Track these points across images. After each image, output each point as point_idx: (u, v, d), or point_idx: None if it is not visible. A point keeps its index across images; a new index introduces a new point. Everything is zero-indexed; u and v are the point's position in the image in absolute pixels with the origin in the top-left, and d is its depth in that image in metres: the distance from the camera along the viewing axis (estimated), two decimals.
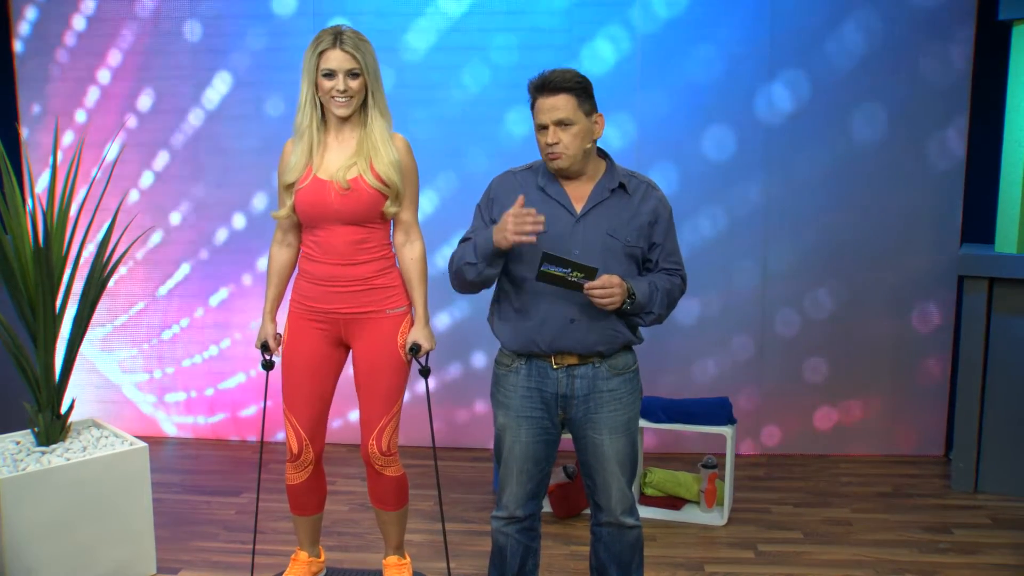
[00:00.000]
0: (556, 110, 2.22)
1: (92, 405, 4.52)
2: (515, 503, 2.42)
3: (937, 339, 4.17)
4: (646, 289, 2.28)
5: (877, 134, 4.06)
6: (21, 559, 2.76)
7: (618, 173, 2.34)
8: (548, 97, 2.23)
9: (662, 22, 4.04)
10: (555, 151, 2.25)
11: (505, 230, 2.18)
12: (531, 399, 2.36)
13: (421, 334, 2.69)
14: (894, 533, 3.43)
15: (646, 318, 2.33)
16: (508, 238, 2.17)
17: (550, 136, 2.23)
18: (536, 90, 2.26)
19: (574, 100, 2.23)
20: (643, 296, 2.27)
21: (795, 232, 4.14)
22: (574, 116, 2.23)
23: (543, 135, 2.26)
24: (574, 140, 2.24)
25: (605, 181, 2.33)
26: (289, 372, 2.72)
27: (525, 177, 2.38)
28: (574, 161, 2.27)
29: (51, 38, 4.32)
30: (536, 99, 2.26)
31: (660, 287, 2.32)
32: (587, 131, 2.27)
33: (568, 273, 2.17)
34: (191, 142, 4.34)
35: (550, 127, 2.23)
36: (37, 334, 2.98)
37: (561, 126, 2.23)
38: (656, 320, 2.34)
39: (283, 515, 3.56)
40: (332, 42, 2.53)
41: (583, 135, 2.26)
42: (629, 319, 2.33)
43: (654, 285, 2.31)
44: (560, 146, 2.24)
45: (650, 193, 2.36)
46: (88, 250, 4.00)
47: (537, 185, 2.34)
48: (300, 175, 2.61)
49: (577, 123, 2.24)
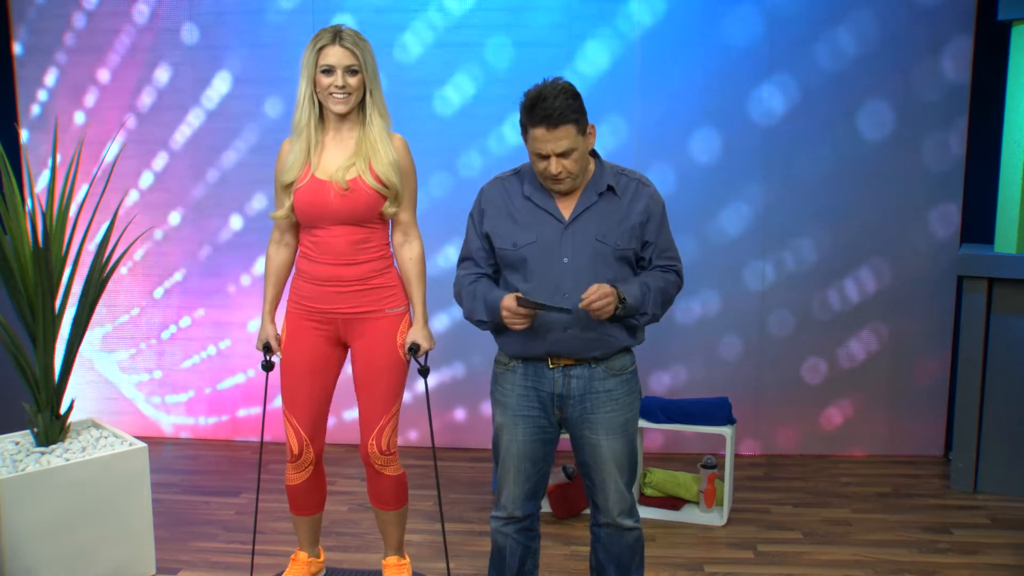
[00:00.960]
0: (559, 142, 2.18)
1: (92, 405, 4.52)
2: (513, 503, 2.42)
3: (937, 339, 4.17)
4: (637, 292, 2.27)
5: (876, 134, 4.05)
6: (21, 559, 2.76)
7: (607, 174, 2.33)
8: (551, 130, 2.16)
9: (660, 22, 4.04)
10: (560, 177, 2.23)
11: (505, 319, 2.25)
12: (528, 398, 2.36)
13: (420, 334, 2.69)
14: (894, 533, 3.43)
15: (640, 319, 2.32)
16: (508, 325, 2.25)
17: (553, 166, 2.20)
18: (535, 121, 2.17)
19: (574, 128, 2.18)
20: (635, 300, 2.26)
21: (794, 232, 4.14)
22: (575, 143, 2.20)
23: (542, 162, 2.23)
24: (575, 164, 2.23)
25: (593, 185, 2.31)
26: (288, 373, 2.72)
27: (512, 184, 2.37)
28: (576, 182, 2.28)
29: (51, 38, 4.32)
30: (534, 128, 2.18)
31: (653, 287, 2.30)
32: (585, 149, 2.26)
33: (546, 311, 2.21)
34: (191, 142, 4.34)
35: (552, 159, 2.21)
36: (36, 334, 2.98)
37: (564, 156, 2.21)
38: (651, 320, 2.34)
39: (283, 515, 3.56)
40: (332, 39, 2.54)
41: (583, 155, 2.25)
42: (624, 322, 2.32)
43: (646, 286, 2.30)
44: (564, 173, 2.23)
45: (641, 191, 2.34)
46: (88, 250, 4.01)
47: (523, 195, 2.33)
48: (298, 174, 2.60)
49: (578, 148, 2.22)
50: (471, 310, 2.37)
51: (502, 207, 2.34)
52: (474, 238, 2.41)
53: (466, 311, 2.39)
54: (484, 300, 2.32)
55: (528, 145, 2.24)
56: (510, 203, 2.34)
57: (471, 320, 2.38)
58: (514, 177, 2.39)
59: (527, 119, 2.20)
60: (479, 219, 2.40)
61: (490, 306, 2.30)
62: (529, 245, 2.28)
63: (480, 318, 2.34)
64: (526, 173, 2.36)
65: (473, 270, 2.41)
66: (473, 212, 2.43)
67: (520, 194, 2.34)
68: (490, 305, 2.30)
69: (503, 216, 2.34)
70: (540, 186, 2.32)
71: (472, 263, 2.42)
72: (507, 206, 2.34)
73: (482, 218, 2.39)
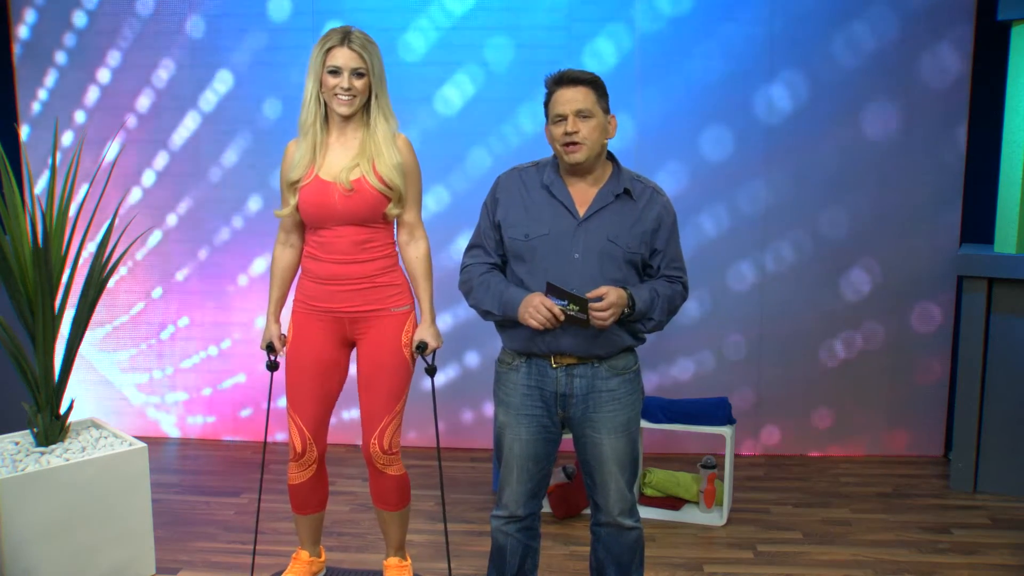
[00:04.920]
0: (576, 101, 2.23)
1: (91, 405, 4.52)
2: (515, 502, 2.42)
3: (936, 339, 4.17)
4: (647, 296, 2.28)
5: (877, 134, 4.06)
6: (21, 559, 2.76)
7: (624, 178, 2.34)
8: (568, 88, 2.24)
9: (663, 20, 4.04)
10: (574, 139, 2.24)
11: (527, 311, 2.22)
12: (531, 397, 2.37)
13: (428, 332, 2.69)
14: (893, 533, 3.43)
15: (646, 324, 2.33)
16: (525, 319, 2.23)
17: (569, 125, 2.23)
18: (555, 83, 2.27)
19: (593, 94, 2.25)
20: (644, 304, 2.27)
21: (794, 232, 4.14)
22: (593, 109, 2.24)
23: (560, 126, 2.25)
24: (592, 132, 2.25)
25: (611, 185, 2.32)
26: (293, 372, 2.72)
27: (530, 175, 2.38)
28: (591, 154, 2.27)
29: (51, 38, 4.32)
30: (555, 91, 2.27)
31: (662, 294, 2.32)
32: (603, 127, 2.28)
33: (566, 307, 2.19)
34: (191, 142, 4.34)
35: (569, 117, 2.23)
36: (36, 334, 2.98)
37: (580, 117, 2.23)
38: (656, 327, 2.35)
39: (283, 515, 3.56)
40: (340, 40, 2.54)
41: (600, 130, 2.27)
42: (629, 326, 2.33)
43: (655, 292, 2.31)
44: (580, 135, 2.23)
45: (655, 199, 2.35)
46: (87, 250, 4.00)
47: (542, 183, 2.34)
48: (304, 173, 2.61)
49: (596, 116, 2.25)
50: (480, 300, 2.37)
51: (517, 197, 2.34)
52: (486, 226, 2.41)
53: (473, 300, 2.39)
54: (500, 296, 2.32)
55: (549, 117, 2.29)
56: (526, 194, 2.34)
57: (477, 309, 2.39)
58: (533, 168, 2.40)
59: (551, 85, 2.28)
60: (492, 207, 2.40)
61: (506, 303, 2.29)
62: (541, 237, 2.29)
63: (488, 309, 2.34)
64: (546, 164, 2.38)
65: (483, 259, 2.41)
66: (487, 200, 2.43)
67: (539, 184, 2.34)
68: (506, 302, 2.29)
69: (517, 206, 2.34)
70: (560, 177, 2.33)
71: (482, 251, 2.42)
72: (522, 196, 2.34)
73: (495, 206, 2.39)
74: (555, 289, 2.19)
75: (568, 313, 2.18)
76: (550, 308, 2.19)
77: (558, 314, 2.18)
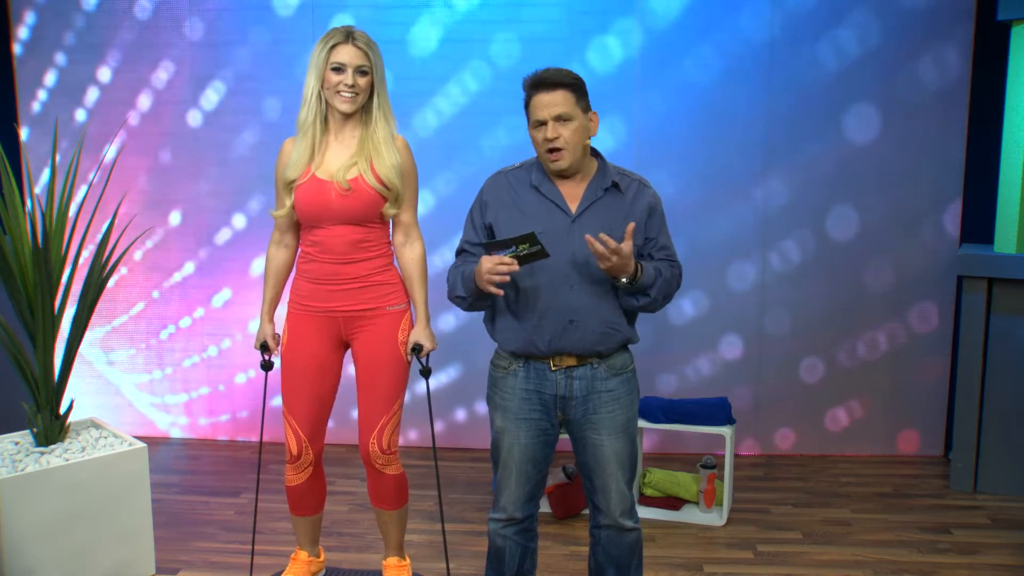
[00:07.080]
0: (555, 105, 2.21)
1: (91, 405, 4.52)
2: (513, 505, 2.42)
3: (936, 339, 4.17)
4: (652, 272, 2.28)
5: (877, 134, 4.05)
6: (21, 559, 2.76)
7: (610, 172, 2.34)
8: (546, 93, 2.22)
9: (664, 21, 4.04)
10: (556, 145, 2.24)
11: (482, 279, 2.20)
12: (530, 401, 2.36)
13: (423, 334, 2.69)
14: (893, 533, 3.43)
15: (641, 299, 2.30)
16: (486, 287, 2.20)
17: (550, 131, 2.23)
18: (533, 87, 2.25)
19: (572, 96, 2.23)
20: (648, 277, 2.26)
21: (794, 232, 4.14)
22: (572, 112, 2.23)
23: (540, 131, 2.25)
24: (573, 136, 2.24)
25: (598, 180, 2.33)
26: (288, 373, 2.72)
27: (517, 177, 2.37)
28: (574, 158, 2.27)
29: (51, 38, 4.32)
30: (533, 96, 2.25)
31: (663, 274, 2.31)
32: (584, 128, 2.27)
33: (515, 251, 2.16)
34: (191, 142, 4.34)
35: (549, 123, 2.23)
36: (36, 334, 2.98)
37: (560, 121, 2.23)
38: (650, 305, 2.31)
39: (283, 515, 3.56)
40: (344, 38, 2.55)
41: (581, 131, 2.26)
42: (626, 303, 2.31)
43: (659, 271, 2.31)
44: (560, 141, 2.23)
45: (643, 190, 2.36)
46: (87, 250, 4.00)
47: (531, 184, 2.34)
48: (301, 172, 2.61)
49: (576, 119, 2.24)
50: (452, 287, 2.38)
51: (506, 199, 2.34)
52: (471, 232, 2.41)
53: (449, 291, 2.40)
54: (462, 276, 2.33)
55: (530, 121, 2.28)
56: (516, 195, 2.34)
57: (451, 298, 2.39)
58: (519, 170, 2.39)
59: (529, 89, 2.27)
60: (480, 212, 2.40)
61: (467, 279, 2.30)
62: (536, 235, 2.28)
63: (459, 294, 2.35)
64: (532, 165, 2.37)
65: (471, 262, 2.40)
66: (473, 207, 2.43)
67: (527, 185, 2.34)
68: (467, 278, 2.30)
69: (508, 207, 2.34)
70: (548, 177, 2.33)
71: (469, 256, 2.41)
72: (512, 198, 2.34)
73: (484, 210, 2.38)
74: (495, 244, 2.18)
75: (520, 255, 2.16)
76: (500, 261, 2.16)
77: (510, 262, 2.16)
